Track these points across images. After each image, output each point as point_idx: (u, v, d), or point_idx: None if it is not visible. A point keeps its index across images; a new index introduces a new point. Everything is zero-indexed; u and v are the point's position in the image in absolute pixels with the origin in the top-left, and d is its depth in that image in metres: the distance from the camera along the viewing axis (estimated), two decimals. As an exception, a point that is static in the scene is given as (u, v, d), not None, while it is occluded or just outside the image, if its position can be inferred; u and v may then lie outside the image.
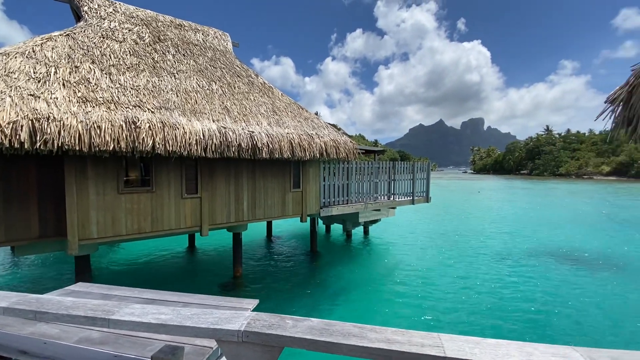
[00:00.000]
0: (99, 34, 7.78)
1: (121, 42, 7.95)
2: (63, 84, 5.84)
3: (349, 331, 1.06)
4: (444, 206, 26.93)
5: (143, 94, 6.74)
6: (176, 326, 1.14)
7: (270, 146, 7.59)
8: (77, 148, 5.15)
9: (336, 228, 15.98)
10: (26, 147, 4.78)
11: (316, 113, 65.26)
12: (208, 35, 10.82)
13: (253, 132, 7.43)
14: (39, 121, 4.91)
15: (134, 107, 6.22)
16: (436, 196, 25.39)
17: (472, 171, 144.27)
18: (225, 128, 7.04)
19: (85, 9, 8.41)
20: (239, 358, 1.10)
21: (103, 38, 7.73)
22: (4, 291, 1.79)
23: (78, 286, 3.24)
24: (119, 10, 9.11)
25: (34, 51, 6.21)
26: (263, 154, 7.44)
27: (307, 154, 8.47)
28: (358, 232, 15.08)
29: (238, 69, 10.16)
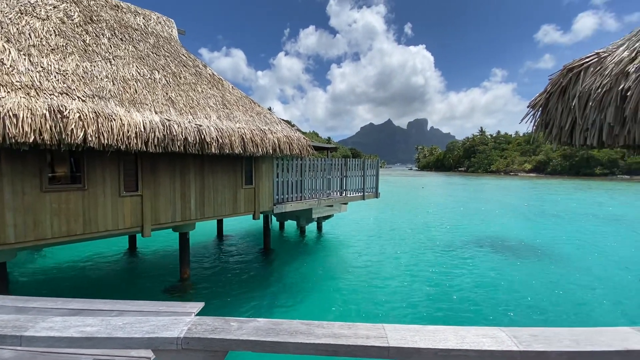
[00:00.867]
0: (16, 9, 6.76)
1: (44, 20, 6.99)
2: (-34, 64, 4.98)
3: (296, 329, 1.04)
4: (392, 201, 28.32)
5: (72, 80, 6.01)
6: (105, 338, 1.02)
7: (220, 141, 7.28)
8: (-14, 139, 4.43)
9: (290, 224, 15.93)
10: None
11: (269, 108, 64.14)
12: (150, 19, 10.00)
13: (201, 126, 7.06)
14: None
15: (61, 95, 5.52)
16: (385, 192, 26.61)
17: (417, 168, 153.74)
18: (169, 121, 6.58)
19: (-4, -22, 7.24)
20: (180, 366, 1.02)
21: (21, 14, 6.73)
22: None
23: (-13, 299, 2.80)
24: (41, -17, 8.00)
25: None
26: (212, 149, 7.11)
27: (260, 150, 8.28)
28: (311, 228, 15.20)
29: (184, 58, 9.55)
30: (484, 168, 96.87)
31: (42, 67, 5.84)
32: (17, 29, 6.28)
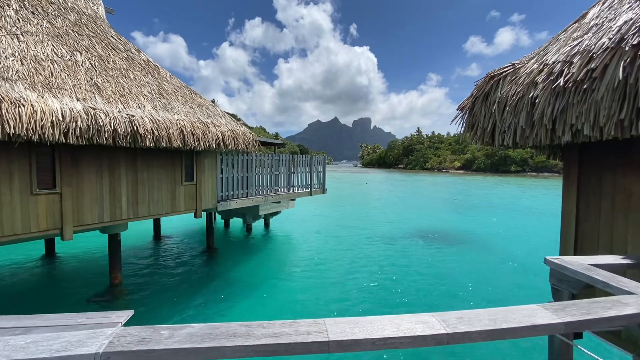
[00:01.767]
0: None
1: None
2: None
3: (235, 331, 1.00)
4: (339, 196, 29.09)
5: (-37, 56, 5.02)
6: (1, 362, 0.86)
7: (155, 133, 6.71)
8: None
9: (236, 222, 15.43)
10: None
11: (213, 101, 61.09)
12: (70, -7, 8.78)
13: (133, 117, 6.43)
14: None
15: (-53, 72, 4.58)
16: (332, 188, 27.17)
17: (361, 165, 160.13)
18: (95, 109, 5.88)
19: None
20: (100, 385, 0.90)
21: None
22: None
23: None
24: None
25: None
26: (147, 142, 6.53)
27: (202, 144, 7.84)
28: (259, 225, 14.91)
29: (113, 41, 8.60)
30: (421, 165, 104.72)
31: None
32: None
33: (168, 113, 7.54)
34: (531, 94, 2.68)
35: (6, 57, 5.59)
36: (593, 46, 2.33)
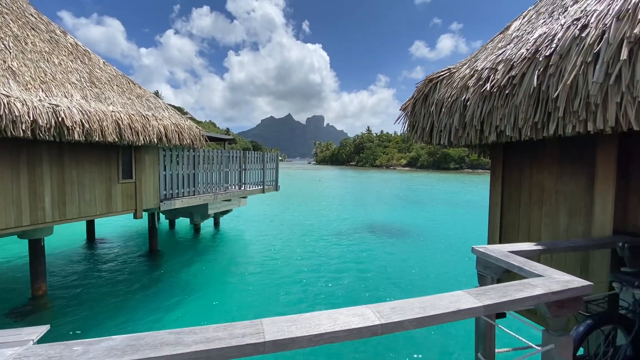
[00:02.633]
0: None
1: None
2: None
3: (162, 340, 0.93)
4: (292, 194, 29.04)
5: None
6: None
7: (86, 126, 6.06)
8: None
9: (183, 222, 14.59)
10: None
11: (156, 92, 56.87)
12: (-27, -41, 7.50)
13: (58, 107, 5.73)
14: None
15: None
16: (285, 185, 26.98)
17: (315, 162, 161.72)
18: (8, 97, 5.12)
19: None
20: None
21: None
22: None
23: None
24: None
25: None
26: (75, 136, 5.87)
27: (141, 139, 7.27)
28: (208, 225, 14.27)
29: (33, 20, 7.55)
30: (371, 163, 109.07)
31: None
32: None
33: (101, 104, 6.85)
34: (463, 97, 2.91)
35: None
36: (514, 56, 2.60)
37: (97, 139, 6.32)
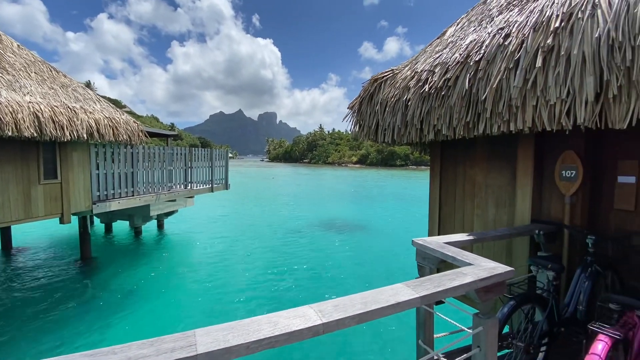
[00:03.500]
0: None
1: None
2: None
3: (72, 365, 0.81)
4: (244, 192, 28.25)
5: None
6: None
7: (-6, 119, 5.22)
8: None
9: (121, 225, 13.36)
10: None
11: (88, 83, 51.13)
12: None
13: (-45, 95, 4.85)
14: None
15: None
16: (237, 183, 26.11)
17: (268, 159, 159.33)
18: None
19: None
20: None
21: None
22: None
23: None
24: None
25: None
26: (-21, 130, 5.02)
27: (67, 134, 6.49)
28: (150, 228, 13.25)
29: None
30: (323, 160, 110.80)
31: None
32: None
33: (14, 93, 5.96)
34: (405, 97, 3.05)
35: None
36: (449, 60, 2.78)
37: (10, 134, 5.49)
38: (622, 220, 2.74)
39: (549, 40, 2.02)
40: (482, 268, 1.68)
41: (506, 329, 2.38)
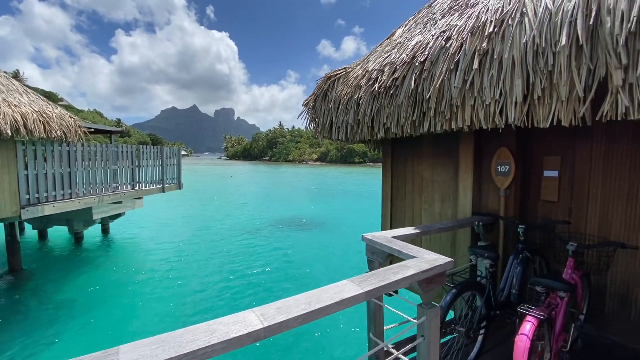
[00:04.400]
0: None
1: None
2: None
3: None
4: (199, 192, 27.07)
5: None
6: None
7: None
8: None
9: (59, 231, 12.06)
10: None
11: (16, 72, 45.39)
12: None
13: None
14: None
15: None
16: (191, 182, 24.94)
17: (226, 157, 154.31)
18: None
19: None
20: None
21: None
22: None
23: None
24: None
25: None
26: None
27: (-15, 130, 5.68)
28: (94, 233, 12.14)
29: None
30: (284, 157, 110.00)
31: None
32: None
33: None
34: (357, 95, 3.10)
35: None
36: (397, 60, 2.87)
37: None
38: (548, 210, 3.05)
39: (484, 44, 2.16)
40: (424, 260, 1.75)
41: (451, 315, 2.53)
